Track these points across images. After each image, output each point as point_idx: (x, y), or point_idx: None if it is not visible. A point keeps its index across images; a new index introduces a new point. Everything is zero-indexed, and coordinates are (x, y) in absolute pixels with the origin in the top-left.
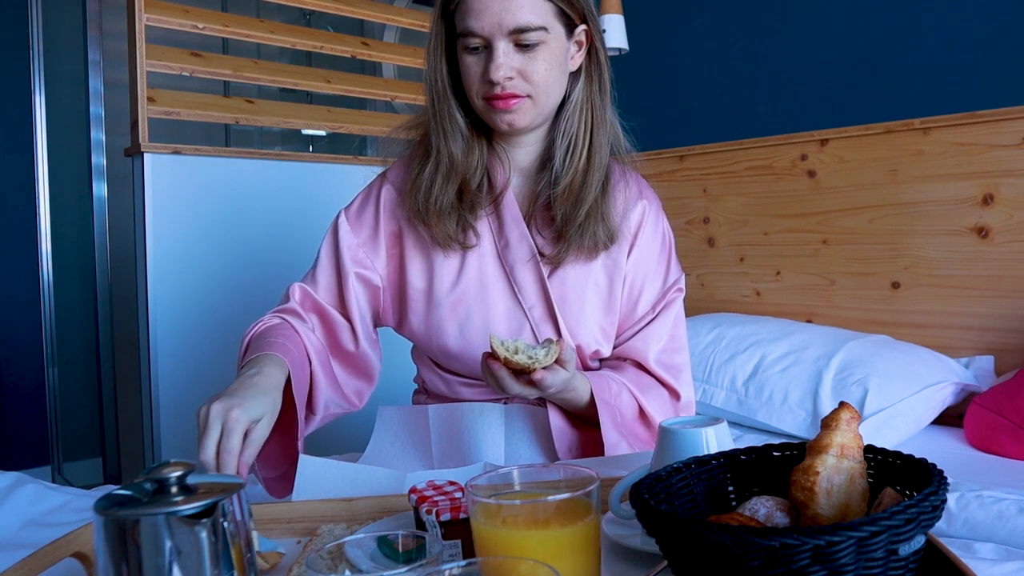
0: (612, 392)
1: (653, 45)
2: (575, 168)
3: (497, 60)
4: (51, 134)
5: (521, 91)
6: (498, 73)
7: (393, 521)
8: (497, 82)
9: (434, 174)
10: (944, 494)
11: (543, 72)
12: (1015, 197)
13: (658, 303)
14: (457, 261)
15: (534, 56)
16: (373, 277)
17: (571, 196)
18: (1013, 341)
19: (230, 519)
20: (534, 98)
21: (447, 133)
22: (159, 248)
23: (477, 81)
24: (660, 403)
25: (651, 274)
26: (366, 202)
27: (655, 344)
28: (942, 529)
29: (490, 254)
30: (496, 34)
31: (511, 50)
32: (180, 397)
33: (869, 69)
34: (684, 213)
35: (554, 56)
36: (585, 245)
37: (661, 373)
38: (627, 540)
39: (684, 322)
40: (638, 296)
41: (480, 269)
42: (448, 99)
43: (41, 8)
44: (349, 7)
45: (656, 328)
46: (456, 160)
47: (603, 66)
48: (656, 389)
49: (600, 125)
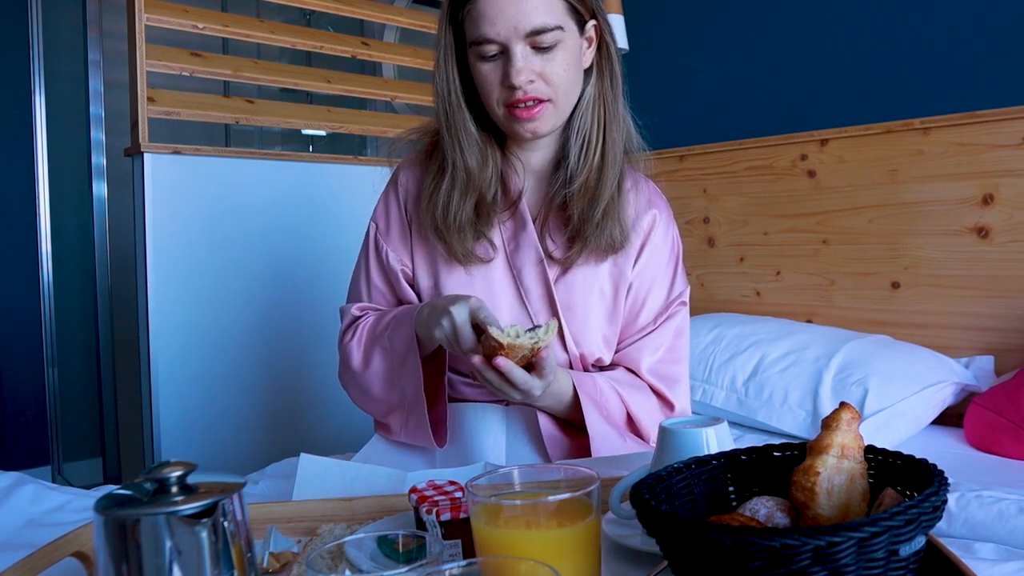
0: (596, 386)
1: (653, 45)
2: (590, 165)
3: (517, 64)
4: (51, 134)
5: (543, 95)
6: (520, 78)
7: (393, 521)
8: (519, 87)
9: (451, 190)
10: (945, 495)
11: (563, 73)
12: (1015, 197)
13: (660, 315)
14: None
15: (552, 57)
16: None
17: (587, 193)
18: (1013, 341)
19: (230, 519)
20: (555, 101)
21: (463, 147)
22: (159, 248)
23: (496, 89)
24: (648, 405)
25: (656, 285)
26: (387, 207)
27: (650, 355)
28: (942, 529)
29: (500, 257)
30: (513, 38)
31: (529, 53)
32: (180, 397)
33: (869, 69)
34: (684, 213)
35: (571, 55)
36: (602, 245)
37: (654, 382)
38: (627, 540)
39: (687, 334)
40: (641, 306)
41: (487, 272)
42: (462, 110)
43: (41, 8)
44: (349, 7)
45: (654, 339)
46: (473, 173)
47: (614, 61)
48: (644, 391)
49: (613, 121)
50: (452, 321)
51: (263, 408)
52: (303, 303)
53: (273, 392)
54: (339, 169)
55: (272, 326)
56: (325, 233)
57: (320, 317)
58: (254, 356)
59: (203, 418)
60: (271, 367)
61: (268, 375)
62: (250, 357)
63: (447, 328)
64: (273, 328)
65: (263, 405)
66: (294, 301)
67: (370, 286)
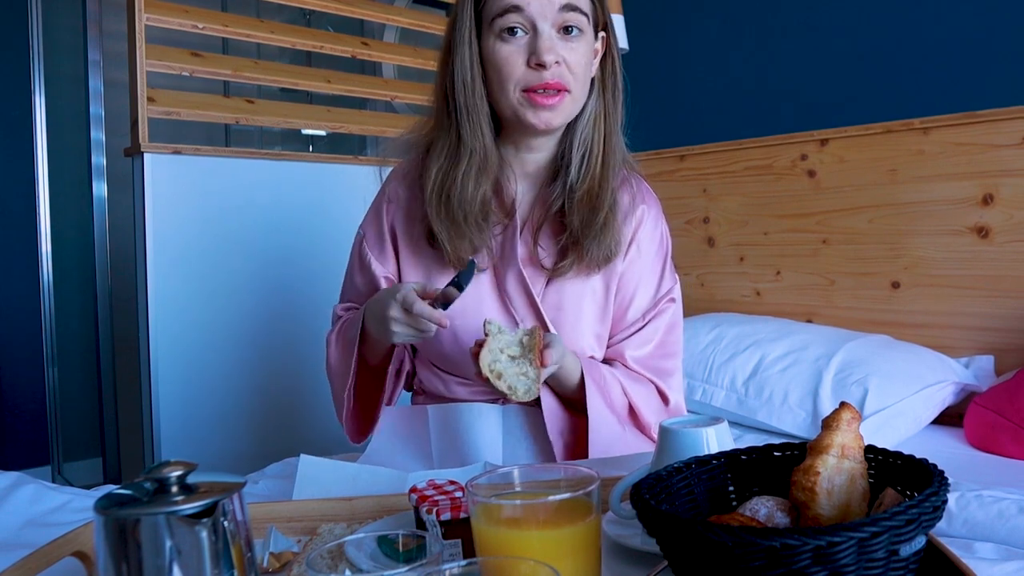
0: (601, 373)
1: (653, 45)
2: (592, 175)
3: (546, 42)
4: (51, 134)
5: (566, 82)
6: (548, 55)
7: (393, 521)
8: (547, 65)
9: (467, 173)
10: (945, 495)
11: (583, 64)
12: (1015, 197)
13: (648, 312)
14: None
15: (575, 46)
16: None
17: (589, 203)
18: (1013, 341)
19: (230, 518)
20: (572, 93)
21: (482, 127)
22: (159, 248)
23: (519, 70)
24: (647, 396)
25: (643, 282)
26: (374, 218)
27: (637, 349)
28: (942, 529)
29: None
30: (545, 12)
31: (555, 36)
32: (180, 397)
33: (869, 69)
34: (684, 213)
35: (589, 51)
36: (598, 258)
37: (650, 376)
38: (627, 540)
39: (679, 328)
40: (629, 303)
41: (476, 277)
42: (480, 93)
43: (41, 8)
44: (349, 7)
45: (644, 335)
46: (490, 153)
47: (618, 76)
48: (645, 384)
49: (613, 134)
50: (400, 309)
51: (263, 408)
52: (303, 303)
53: (273, 392)
54: (339, 169)
55: (272, 326)
56: (325, 233)
57: (320, 317)
58: (254, 356)
59: (203, 418)
60: (271, 366)
61: (268, 374)
62: (250, 357)
63: (399, 317)
64: (273, 328)
65: (263, 405)
66: (294, 301)
67: (356, 289)
